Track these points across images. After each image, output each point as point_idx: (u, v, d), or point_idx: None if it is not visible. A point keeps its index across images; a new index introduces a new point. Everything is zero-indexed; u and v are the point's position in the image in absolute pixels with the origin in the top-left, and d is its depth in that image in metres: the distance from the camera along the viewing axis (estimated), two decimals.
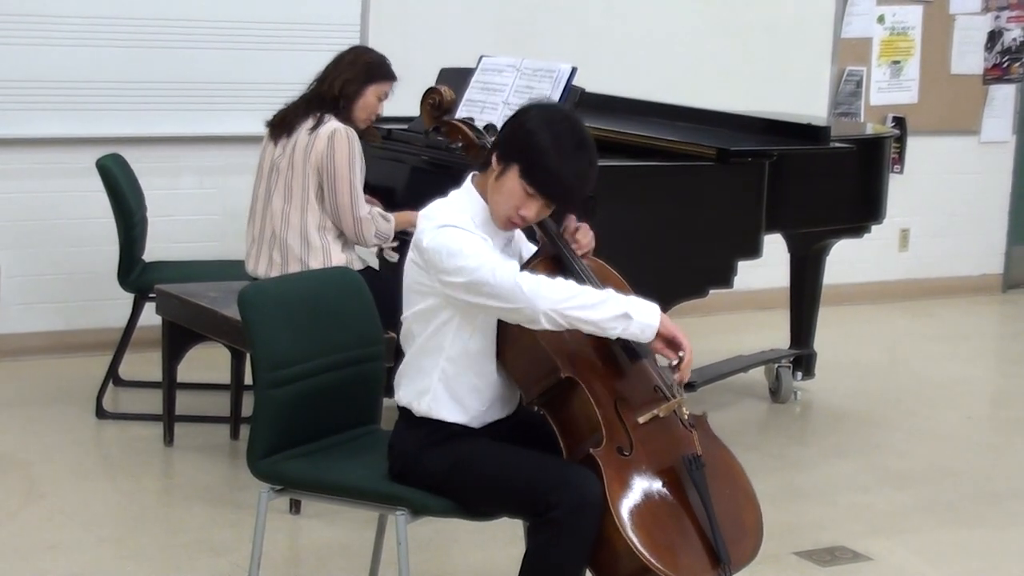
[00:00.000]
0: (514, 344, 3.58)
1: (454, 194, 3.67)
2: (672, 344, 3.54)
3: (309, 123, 5.40)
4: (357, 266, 5.41)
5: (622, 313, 3.46)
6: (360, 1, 7.19)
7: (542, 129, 3.53)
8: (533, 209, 3.56)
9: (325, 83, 5.46)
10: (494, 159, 3.59)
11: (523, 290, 3.42)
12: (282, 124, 5.47)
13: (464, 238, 3.50)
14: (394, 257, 5.53)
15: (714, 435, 3.74)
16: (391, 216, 5.51)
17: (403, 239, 5.38)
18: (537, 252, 3.75)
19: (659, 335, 3.51)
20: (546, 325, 3.46)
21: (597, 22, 7.82)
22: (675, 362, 3.54)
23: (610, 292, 3.50)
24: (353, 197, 5.40)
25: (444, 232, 3.52)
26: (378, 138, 5.79)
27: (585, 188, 3.58)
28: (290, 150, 5.40)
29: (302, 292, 3.93)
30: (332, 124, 5.38)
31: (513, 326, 3.55)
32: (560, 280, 3.48)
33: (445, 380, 3.62)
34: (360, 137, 5.44)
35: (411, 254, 3.63)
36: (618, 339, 3.57)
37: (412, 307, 3.65)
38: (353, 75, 5.46)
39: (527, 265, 3.68)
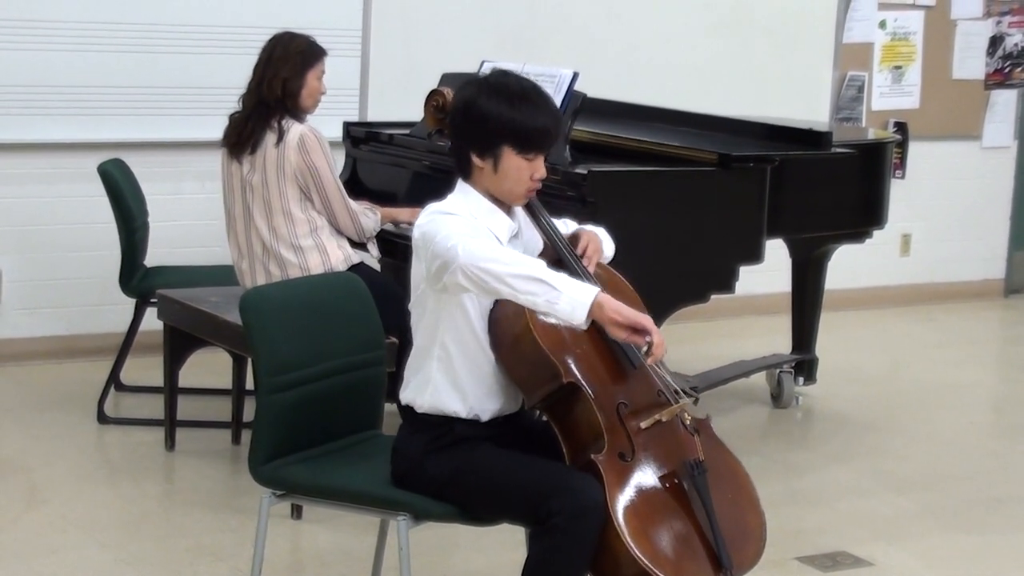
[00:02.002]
0: (515, 349, 3.58)
1: (451, 196, 3.68)
2: (637, 330, 3.41)
3: (270, 135, 5.37)
4: (355, 260, 5.44)
5: (539, 278, 3.34)
6: (362, 7, 7.21)
7: (502, 106, 3.56)
8: (541, 167, 3.64)
9: (264, 86, 5.41)
10: (475, 159, 3.61)
11: (450, 245, 3.40)
12: (240, 142, 5.43)
13: (454, 221, 3.52)
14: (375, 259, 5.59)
15: (718, 439, 3.74)
16: (377, 210, 5.55)
17: (404, 243, 5.39)
18: (540, 255, 3.74)
19: (613, 321, 3.37)
20: (462, 282, 3.40)
21: (599, 27, 7.82)
22: (644, 348, 3.45)
23: (539, 261, 3.43)
24: (342, 193, 5.44)
25: (437, 216, 3.57)
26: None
27: (561, 117, 3.79)
28: (260, 166, 5.38)
29: (303, 297, 3.93)
30: (294, 130, 5.36)
31: (510, 329, 3.55)
32: (493, 245, 3.48)
33: (443, 367, 3.62)
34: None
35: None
36: (617, 344, 3.57)
37: (413, 294, 3.68)
38: (290, 70, 5.41)
39: None
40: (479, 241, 3.44)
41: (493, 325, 3.61)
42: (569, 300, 3.35)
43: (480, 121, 3.59)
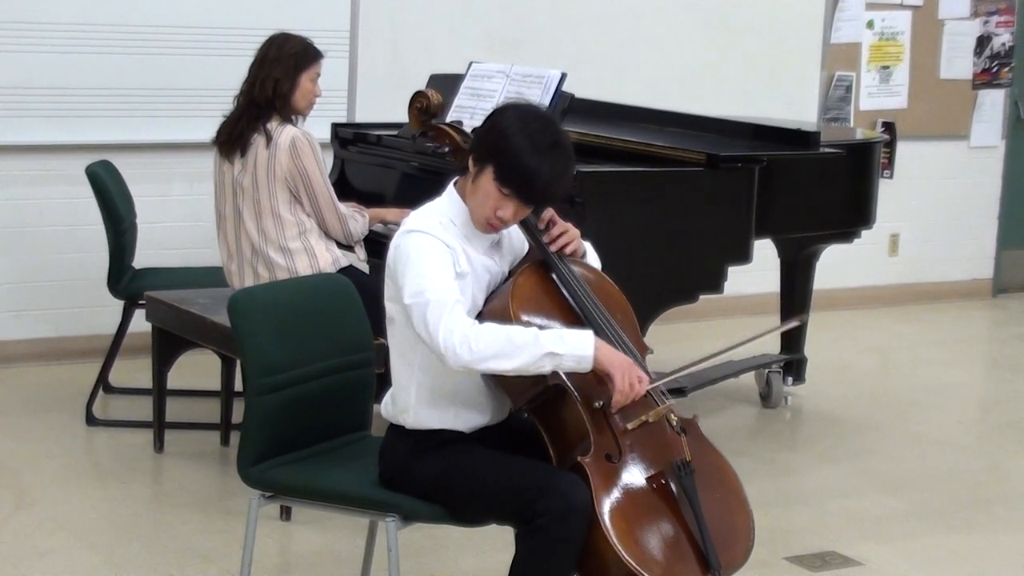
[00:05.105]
0: None
1: (434, 201, 3.67)
2: (607, 379, 3.45)
3: (260, 136, 5.36)
4: (343, 263, 5.43)
5: (546, 353, 3.39)
6: (350, 8, 7.20)
7: (515, 129, 3.51)
8: (510, 210, 3.55)
9: (256, 87, 5.40)
10: (470, 162, 3.60)
11: (440, 341, 3.39)
12: (230, 141, 5.42)
13: (425, 250, 3.49)
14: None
15: (705, 439, 3.73)
16: (365, 212, 5.56)
17: (382, 241, 5.39)
18: (524, 258, 3.75)
19: (594, 368, 3.44)
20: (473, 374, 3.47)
21: (586, 28, 7.82)
22: (598, 404, 3.48)
23: (535, 332, 3.42)
24: (332, 197, 5.43)
25: (408, 238, 3.54)
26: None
27: (561, 187, 3.55)
28: (251, 167, 5.37)
29: (291, 299, 3.93)
30: (286, 133, 5.35)
31: None
32: (487, 328, 3.42)
33: (422, 393, 3.61)
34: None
35: None
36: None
37: (388, 313, 3.66)
38: (282, 71, 5.39)
39: (515, 270, 3.67)
40: (467, 330, 3.39)
41: None
42: (573, 358, 3.42)
43: (489, 129, 3.58)
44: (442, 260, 3.49)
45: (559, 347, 3.40)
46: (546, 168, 3.49)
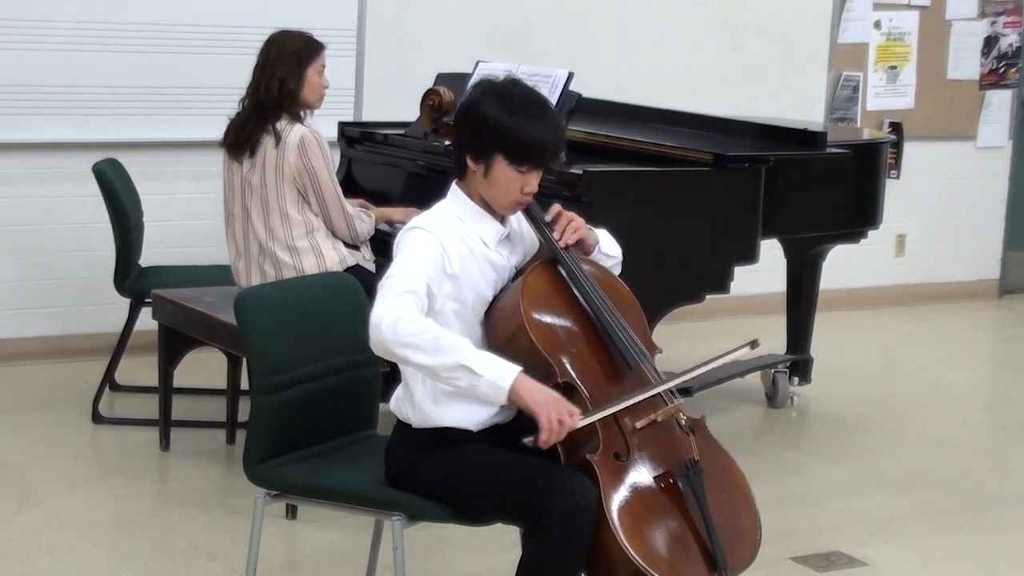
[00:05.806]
0: (510, 346, 3.56)
1: (442, 200, 3.68)
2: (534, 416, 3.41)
3: (269, 136, 5.37)
4: (350, 262, 5.43)
5: (463, 365, 3.36)
6: (357, 7, 7.21)
7: (501, 112, 3.54)
8: (533, 181, 3.60)
9: (262, 88, 5.40)
10: (469, 161, 3.60)
11: (373, 314, 3.40)
12: (238, 142, 5.42)
13: (415, 243, 3.52)
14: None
15: (713, 439, 3.73)
16: (372, 212, 5.56)
17: (388, 241, 5.39)
18: (535, 256, 3.75)
19: (526, 407, 3.40)
20: (389, 357, 3.45)
21: (593, 28, 7.82)
22: (527, 441, 3.42)
23: (463, 344, 3.40)
24: (340, 197, 5.43)
25: (407, 233, 3.57)
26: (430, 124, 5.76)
27: (563, 136, 3.71)
28: (260, 166, 5.38)
29: (298, 297, 3.93)
30: (294, 132, 5.35)
31: (506, 329, 3.55)
32: (423, 321, 3.40)
33: (427, 387, 3.60)
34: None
35: None
36: (612, 343, 3.58)
37: None
38: (286, 70, 5.39)
39: (525, 268, 3.67)
40: (401, 316, 3.38)
41: (487, 322, 3.61)
42: (489, 384, 3.39)
43: (477, 124, 3.58)
44: (428, 255, 3.51)
45: (479, 367, 3.38)
46: (546, 129, 3.57)
